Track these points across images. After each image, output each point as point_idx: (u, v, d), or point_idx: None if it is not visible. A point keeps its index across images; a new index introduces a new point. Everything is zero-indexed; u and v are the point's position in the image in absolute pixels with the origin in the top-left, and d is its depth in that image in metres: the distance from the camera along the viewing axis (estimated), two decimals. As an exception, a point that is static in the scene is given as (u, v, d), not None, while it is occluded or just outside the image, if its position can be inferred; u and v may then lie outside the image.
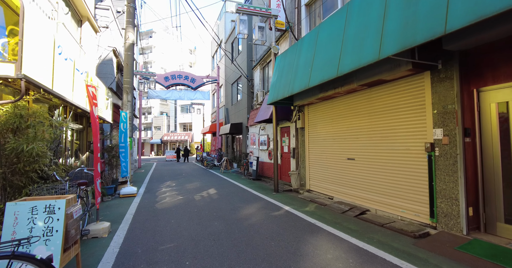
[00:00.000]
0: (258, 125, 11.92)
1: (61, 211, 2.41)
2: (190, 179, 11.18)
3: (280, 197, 7.15)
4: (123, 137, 7.24)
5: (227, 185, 9.46)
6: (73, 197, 2.70)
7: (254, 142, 12.54)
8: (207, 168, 16.14)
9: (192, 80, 18.51)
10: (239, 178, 11.60)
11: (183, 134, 41.17)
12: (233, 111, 17.08)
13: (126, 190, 7.23)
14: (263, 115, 9.50)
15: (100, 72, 10.33)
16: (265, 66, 12.24)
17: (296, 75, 6.49)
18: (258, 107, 12.38)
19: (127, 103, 8.42)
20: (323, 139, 7.12)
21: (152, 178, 11.72)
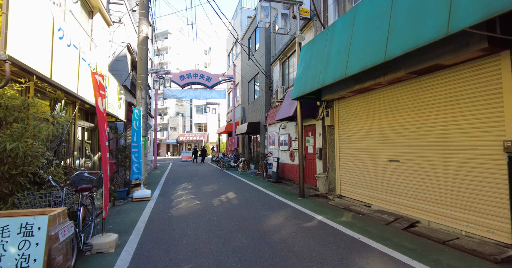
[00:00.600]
0: (278, 124, 11.15)
1: (41, 232, 1.77)
2: (207, 181, 10.57)
3: (307, 204, 6.34)
4: (135, 135, 6.69)
5: (246, 188, 8.75)
6: (62, 211, 2.06)
7: (273, 141, 11.78)
8: (223, 169, 15.55)
9: (208, 78, 18.01)
10: (258, 180, 10.87)
11: (198, 134, 41.03)
12: (250, 110, 16.40)
13: (139, 194, 6.68)
14: (285, 113, 8.72)
15: (113, 69, 9.93)
16: (285, 61, 11.46)
17: (328, 65, 5.67)
18: (277, 105, 11.62)
19: (141, 100, 7.90)
20: (358, 137, 6.25)
21: (167, 180, 11.22)
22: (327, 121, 7.30)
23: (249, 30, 16.71)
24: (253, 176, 12.28)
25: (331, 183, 7.28)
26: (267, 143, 13.01)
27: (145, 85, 8.01)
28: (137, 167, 6.71)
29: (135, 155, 6.69)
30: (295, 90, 7.01)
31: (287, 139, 10.16)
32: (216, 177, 11.96)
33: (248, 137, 16.89)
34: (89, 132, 7.20)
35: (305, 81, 6.57)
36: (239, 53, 18.96)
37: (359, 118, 6.22)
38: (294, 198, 7.07)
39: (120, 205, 6.21)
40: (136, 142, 6.76)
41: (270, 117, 12.20)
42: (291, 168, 9.93)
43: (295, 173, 9.56)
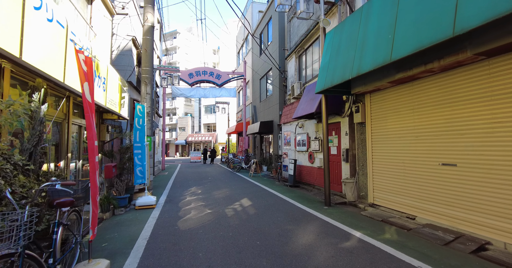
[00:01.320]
0: (294, 123, 10.23)
1: None
2: (218, 185, 9.74)
3: (337, 214, 5.41)
4: (138, 135, 5.91)
5: (261, 193, 7.87)
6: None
7: (288, 142, 10.87)
8: (234, 170, 14.72)
9: (218, 76, 17.23)
10: (272, 183, 9.98)
11: (207, 134, 40.46)
12: (261, 108, 15.53)
13: (143, 201, 5.89)
14: (305, 109, 7.80)
15: (117, 64, 9.24)
16: (301, 54, 10.54)
17: (364, 49, 4.74)
18: (293, 102, 10.70)
19: (146, 96, 7.13)
20: (397, 136, 5.29)
21: (175, 183, 10.46)
22: (356, 118, 6.35)
23: (260, 25, 15.86)
24: (267, 179, 11.39)
25: (361, 189, 6.32)
26: (281, 143, 12.10)
27: (150, 79, 7.24)
28: (141, 171, 5.92)
29: (138, 157, 5.90)
30: (320, 82, 6.09)
31: (305, 139, 9.23)
32: (227, 180, 11.13)
33: (260, 137, 16.02)
34: (89, 132, 6.46)
35: (333, 71, 5.64)
36: (249, 50, 18.13)
37: (398, 114, 5.25)
38: (318, 206, 6.15)
39: (120, 214, 5.43)
40: (139, 142, 5.98)
41: (285, 115, 11.29)
42: (310, 171, 8.99)
43: (315, 176, 8.62)
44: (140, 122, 6.00)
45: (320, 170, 8.30)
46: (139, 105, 5.99)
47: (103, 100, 4.99)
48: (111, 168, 5.18)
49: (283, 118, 11.55)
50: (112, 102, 5.62)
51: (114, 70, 5.97)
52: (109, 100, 5.39)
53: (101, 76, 4.83)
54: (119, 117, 6.95)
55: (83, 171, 6.02)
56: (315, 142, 8.56)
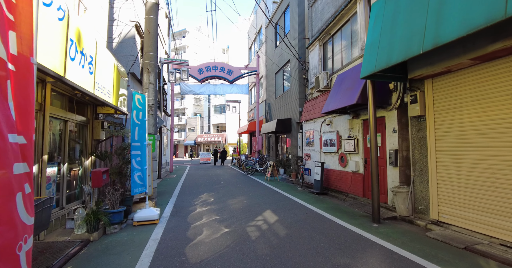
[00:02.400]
0: (320, 120, 8.89)
1: None
2: (232, 191, 8.49)
3: (394, 236, 4.06)
4: (137, 132, 4.71)
5: (285, 203, 6.57)
6: None
7: (311, 142, 9.53)
8: (247, 173, 13.45)
9: (229, 72, 16.05)
10: (294, 190, 8.66)
11: (216, 135, 39.44)
12: (277, 105, 14.23)
13: (143, 214, 4.68)
14: (341, 101, 6.45)
15: (119, 53, 8.14)
16: (327, 41, 9.20)
17: (442, 11, 3.38)
18: (317, 96, 9.37)
19: (149, 85, 5.96)
20: (482, 133, 3.89)
21: (183, 188, 9.27)
22: (412, 111, 4.98)
23: (276, 14, 14.57)
24: (286, 184, 10.07)
25: (419, 201, 4.93)
26: (302, 144, 10.76)
27: (154, 66, 6.06)
28: (140, 177, 4.71)
29: (137, 160, 4.70)
30: (367, 65, 4.75)
31: (335, 138, 7.88)
32: (242, 185, 9.86)
33: (275, 137, 14.72)
34: (79, 129, 5.32)
35: (387, 48, 4.30)
36: (263, 43, 16.87)
37: (484, 102, 3.86)
38: (365, 223, 4.80)
39: (113, 234, 4.22)
40: (138, 140, 4.77)
41: (307, 112, 9.96)
42: (341, 176, 7.63)
43: (348, 183, 7.25)
44: (139, 116, 4.79)
45: (356, 175, 6.94)
46: (138, 94, 4.79)
47: (88, 85, 3.80)
48: (100, 174, 3.99)
49: (304, 115, 10.22)
50: (103, 90, 4.43)
51: (108, 53, 4.80)
52: (99, 87, 4.21)
53: (85, 52, 3.65)
54: (116, 111, 5.78)
55: (70, 176, 4.86)
56: (348, 141, 7.20)
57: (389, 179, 5.80)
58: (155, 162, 6.01)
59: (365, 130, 6.77)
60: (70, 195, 4.88)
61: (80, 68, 3.51)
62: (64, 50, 3.02)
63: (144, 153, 4.91)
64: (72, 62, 3.28)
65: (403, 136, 5.56)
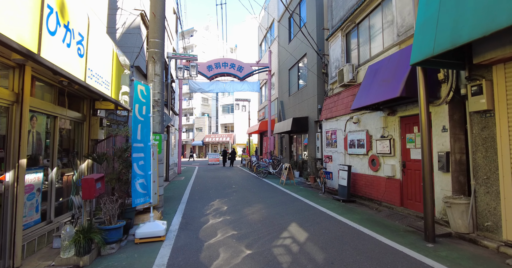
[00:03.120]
0: (344, 118, 7.97)
1: None
2: (247, 197, 7.65)
3: (463, 262, 3.16)
4: (140, 130, 3.91)
5: (311, 213, 5.69)
6: None
7: (333, 142, 8.61)
8: (259, 176, 12.59)
9: (239, 68, 15.25)
10: (316, 196, 7.77)
11: (224, 135, 38.75)
12: (291, 103, 13.34)
13: (146, 230, 3.88)
14: (377, 95, 5.52)
15: (123, 44, 7.43)
16: (352, 30, 8.28)
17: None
18: (340, 91, 8.46)
19: (154, 77, 5.18)
20: None
21: (193, 192, 8.48)
22: (475, 105, 4.03)
23: (291, 5, 13.67)
24: (304, 189, 9.18)
25: (485, 216, 3.98)
26: (322, 144, 9.85)
27: (160, 56, 5.28)
28: (143, 184, 3.91)
29: (139, 164, 3.90)
30: (420, 48, 3.83)
31: (364, 138, 6.95)
32: (256, 189, 9.02)
33: (289, 137, 13.82)
34: (74, 127, 4.57)
35: (453, 23, 3.38)
36: (275, 38, 16.01)
37: None
38: (416, 242, 3.89)
39: (110, 255, 3.43)
40: (141, 140, 3.98)
41: (328, 109, 9.05)
42: (372, 181, 6.70)
43: (381, 189, 6.33)
44: (143, 111, 4.00)
45: (391, 181, 6.01)
46: (141, 84, 3.99)
47: (76, 69, 3.02)
48: (93, 182, 3.20)
49: (324, 113, 9.31)
50: (99, 79, 3.65)
51: (106, 37, 4.03)
52: (92, 74, 3.42)
53: (72, 28, 2.86)
54: (117, 107, 5.01)
55: (62, 182, 4.10)
56: (382, 142, 6.27)
57: (437, 187, 4.85)
58: (161, 165, 5.22)
59: (403, 129, 5.82)
60: (61, 205, 4.12)
61: (65, 47, 2.73)
62: (37, 18, 2.24)
63: (149, 156, 4.11)
64: (52, 37, 2.49)
65: (455, 136, 4.61)
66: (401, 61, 5.14)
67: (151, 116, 4.21)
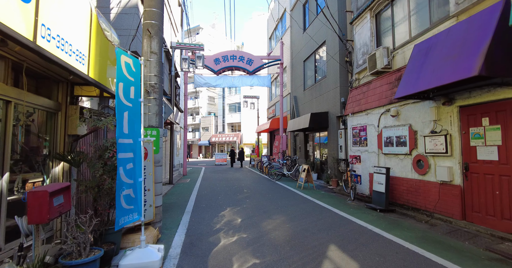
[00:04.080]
0: (376, 111, 6.75)
1: None
2: (263, 204, 6.49)
3: None
4: (126, 120, 2.79)
5: (349, 229, 4.50)
6: None
7: (363, 140, 7.40)
8: (272, 178, 11.41)
9: (249, 61, 14.12)
10: (344, 203, 6.57)
11: (231, 134, 37.70)
12: (306, 98, 12.13)
13: (134, 260, 2.76)
14: (438, 77, 4.27)
15: (118, 26, 6.38)
16: (383, 9, 7.06)
17: None
18: (370, 80, 7.24)
19: (151, 56, 4.08)
20: None
21: (199, 198, 7.37)
22: None
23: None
24: (326, 194, 7.98)
25: None
26: (344, 142, 8.64)
27: (158, 30, 4.17)
28: (129, 197, 2.79)
29: (127, 167, 2.79)
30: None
31: (406, 134, 5.72)
32: (272, 194, 7.85)
33: (304, 135, 12.60)
34: (45, 117, 3.49)
35: None
36: (288, 28, 14.81)
37: None
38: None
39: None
40: (129, 135, 2.86)
41: (354, 102, 7.84)
42: (417, 186, 5.46)
43: (431, 197, 5.09)
44: (130, 93, 2.88)
45: (447, 187, 4.77)
46: (127, 55, 2.88)
47: (19, 21, 1.91)
48: (45, 197, 2.06)
49: (349, 106, 8.09)
50: (65, 46, 2.55)
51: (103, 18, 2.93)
52: (52, 36, 2.32)
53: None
54: (102, 93, 3.91)
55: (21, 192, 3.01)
56: (432, 138, 5.03)
57: (526, 197, 3.60)
58: (159, 169, 4.10)
59: (464, 122, 4.58)
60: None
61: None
62: None
63: (139, 156, 3.00)
64: None
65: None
66: (471, 31, 3.91)
67: (143, 102, 3.09)
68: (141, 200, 2.95)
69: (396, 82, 6.13)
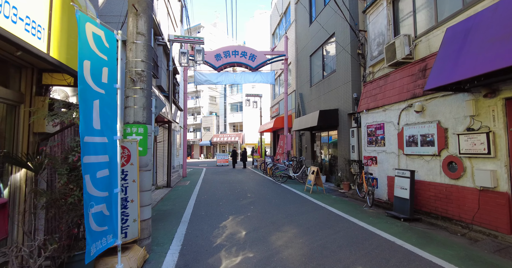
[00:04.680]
0: (396, 107, 6.03)
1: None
2: (270, 213, 5.77)
3: None
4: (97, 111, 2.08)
5: (375, 245, 3.77)
6: None
7: (380, 139, 6.67)
8: (276, 180, 10.69)
9: (252, 57, 13.41)
10: (361, 210, 5.84)
11: (233, 134, 37.00)
12: (313, 95, 11.40)
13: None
14: (483, 62, 3.56)
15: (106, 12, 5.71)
16: (404, -7, 6.33)
17: None
18: (388, 73, 6.52)
19: (137, 37, 3.40)
20: None
21: (198, 205, 6.67)
22: None
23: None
24: (338, 199, 7.26)
25: None
26: (356, 142, 7.92)
27: (146, 6, 3.47)
28: (100, 215, 2.09)
29: (98, 175, 2.10)
30: None
31: (434, 133, 4.99)
32: (279, 200, 7.14)
33: (311, 134, 11.86)
34: (6, 112, 2.81)
35: None
36: (292, 22, 14.09)
37: None
38: None
39: None
40: (101, 133, 2.17)
41: (370, 97, 7.12)
42: (449, 192, 4.72)
43: (467, 205, 4.35)
44: (102, 76, 2.18)
45: (490, 194, 4.03)
46: (97, 25, 2.18)
47: None
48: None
49: (363, 102, 7.37)
50: (3, 6, 1.84)
51: None
52: None
53: None
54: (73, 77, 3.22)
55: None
56: (469, 137, 4.30)
57: None
58: (147, 174, 3.40)
59: (511, 117, 3.85)
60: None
61: None
62: None
63: (114, 160, 2.29)
64: None
65: None
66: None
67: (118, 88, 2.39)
68: (117, 217, 2.25)
69: (420, 74, 5.41)
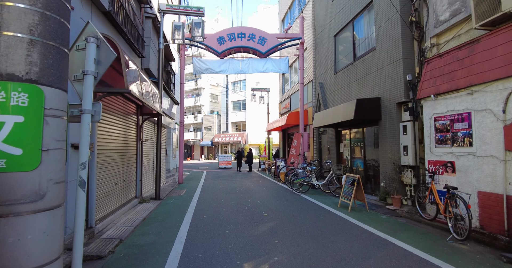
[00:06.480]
0: (496, 88, 3.87)
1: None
2: (308, 254, 3.62)
3: None
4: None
5: None
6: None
7: (462, 136, 4.53)
8: (295, 189, 8.51)
9: (262, 40, 11.28)
10: (445, 246, 3.68)
11: (236, 134, 34.91)
12: (338, 84, 9.25)
13: None
14: None
15: None
16: None
17: None
18: (475, 39, 4.38)
19: None
20: None
21: (194, 234, 4.54)
22: None
23: None
24: (394, 221, 5.12)
25: None
26: (410, 141, 5.77)
27: None
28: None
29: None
30: None
31: None
32: (313, 226, 4.99)
33: (336, 132, 9.68)
34: None
35: None
36: (309, 0, 11.96)
37: None
38: None
39: None
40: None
41: (439, 77, 4.97)
42: None
43: None
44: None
45: None
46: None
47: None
48: None
49: (428, 84, 5.22)
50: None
51: None
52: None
53: None
54: None
55: None
56: None
57: None
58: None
59: None
60: None
61: None
62: None
63: None
64: None
65: None
66: None
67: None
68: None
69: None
